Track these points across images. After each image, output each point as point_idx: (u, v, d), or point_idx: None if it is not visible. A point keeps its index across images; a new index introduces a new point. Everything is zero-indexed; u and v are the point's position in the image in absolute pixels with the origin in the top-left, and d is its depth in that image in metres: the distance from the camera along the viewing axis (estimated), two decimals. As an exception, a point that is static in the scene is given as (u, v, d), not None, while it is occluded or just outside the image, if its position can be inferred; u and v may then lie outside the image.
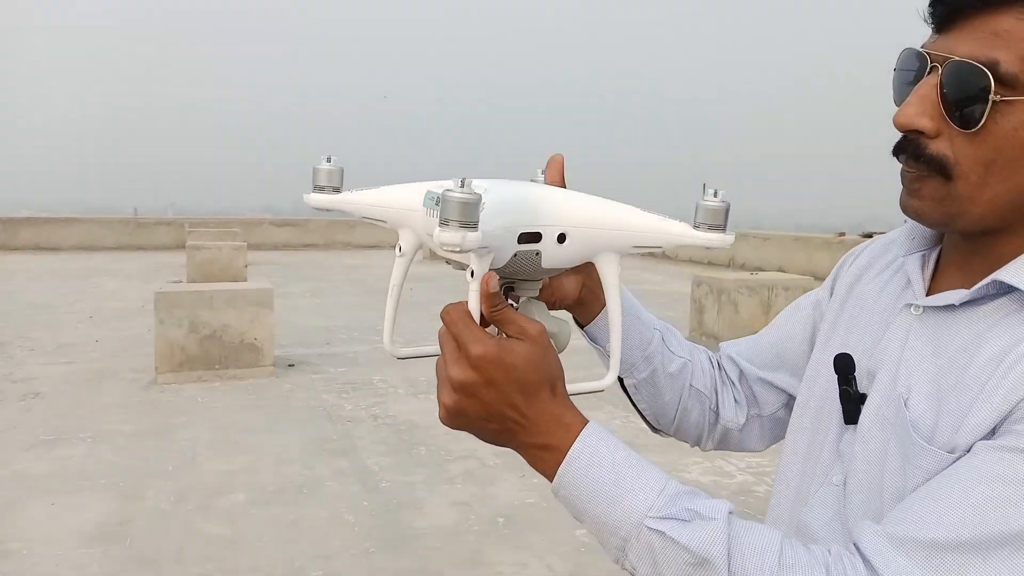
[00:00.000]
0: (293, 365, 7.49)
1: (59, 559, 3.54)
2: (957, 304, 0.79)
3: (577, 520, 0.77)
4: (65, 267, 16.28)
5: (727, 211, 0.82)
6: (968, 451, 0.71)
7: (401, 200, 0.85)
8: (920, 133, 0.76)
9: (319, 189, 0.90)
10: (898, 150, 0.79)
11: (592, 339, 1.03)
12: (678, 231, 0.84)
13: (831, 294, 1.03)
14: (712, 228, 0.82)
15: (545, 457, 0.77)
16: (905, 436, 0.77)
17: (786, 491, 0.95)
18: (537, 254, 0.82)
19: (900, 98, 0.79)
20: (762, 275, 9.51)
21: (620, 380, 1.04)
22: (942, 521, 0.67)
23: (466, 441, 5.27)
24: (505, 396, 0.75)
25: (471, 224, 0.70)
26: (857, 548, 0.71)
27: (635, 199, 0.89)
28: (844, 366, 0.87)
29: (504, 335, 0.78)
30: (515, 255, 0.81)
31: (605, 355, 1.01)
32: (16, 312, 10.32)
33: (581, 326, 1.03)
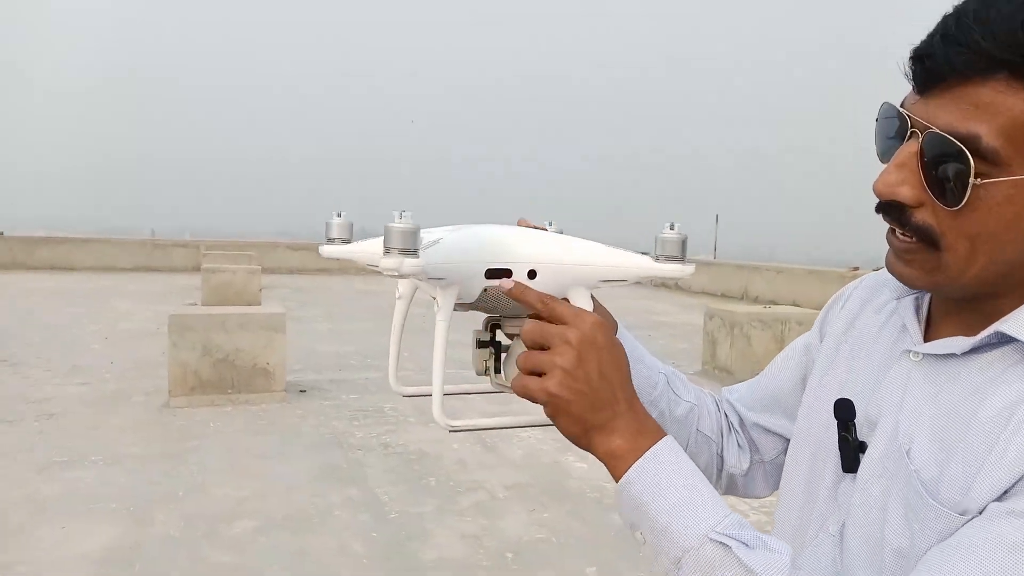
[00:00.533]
0: (305, 391, 7.50)
1: (67, 584, 3.53)
2: (959, 354, 0.78)
3: (631, 526, 0.77)
4: (81, 287, 16.41)
5: (684, 243, 0.90)
6: (980, 512, 0.70)
7: (447, 255, 0.88)
8: (903, 203, 0.74)
9: (331, 241, 0.98)
10: (881, 211, 0.78)
11: None
12: (640, 264, 0.91)
13: (820, 338, 1.02)
14: (671, 259, 0.90)
15: (623, 450, 0.78)
16: (910, 491, 0.75)
17: (783, 539, 0.92)
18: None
19: (882, 152, 0.78)
20: (775, 308, 9.47)
21: None
22: None
23: (476, 472, 5.25)
24: (610, 371, 0.80)
25: (410, 251, 0.77)
26: None
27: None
28: (844, 412, 0.85)
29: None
30: (486, 290, 0.86)
31: None
32: (32, 331, 10.39)
33: None
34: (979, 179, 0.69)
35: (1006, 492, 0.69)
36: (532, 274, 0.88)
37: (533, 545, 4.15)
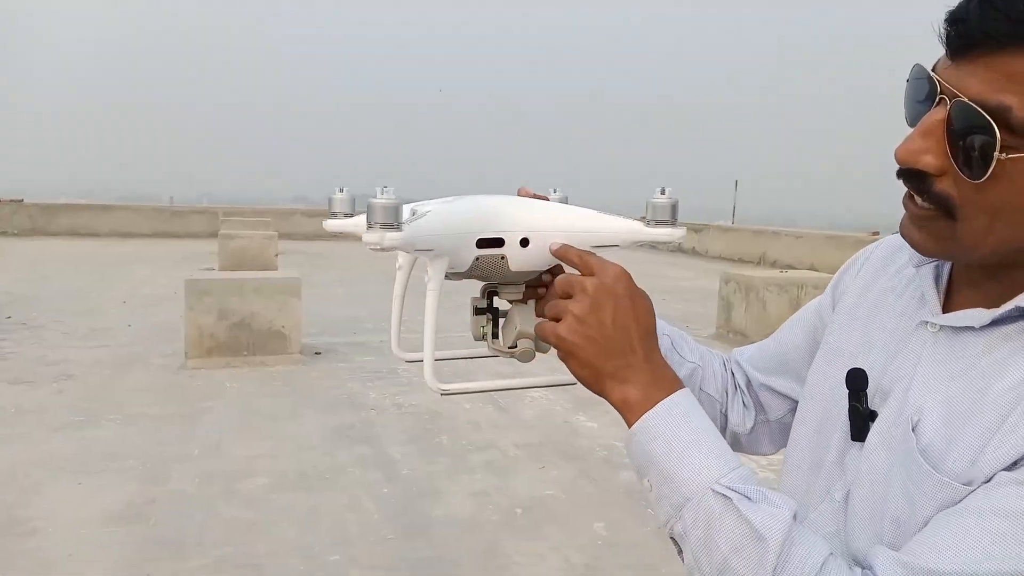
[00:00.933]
0: (320, 353, 7.55)
1: (82, 538, 3.60)
2: (978, 327, 0.76)
3: (640, 474, 0.79)
4: (101, 253, 16.55)
5: (675, 207, 0.91)
6: (988, 481, 0.69)
7: (442, 225, 0.91)
8: (925, 171, 0.72)
9: (334, 215, 1.01)
10: (902, 176, 0.76)
11: None
12: (631, 228, 0.93)
13: (833, 301, 1.01)
14: (662, 223, 0.91)
15: (635, 399, 0.80)
16: (911, 461, 0.75)
17: (789, 493, 0.93)
18: (503, 258, 0.90)
19: (911, 116, 0.75)
20: (791, 273, 9.41)
21: None
22: (961, 555, 0.66)
23: (488, 432, 5.29)
24: (628, 320, 0.82)
25: (391, 225, 0.80)
26: (873, 574, 0.70)
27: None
28: (856, 382, 0.84)
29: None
30: (477, 259, 0.90)
31: None
32: (51, 296, 10.51)
33: None
34: (1005, 153, 0.66)
35: (1015, 463, 0.68)
36: (524, 242, 0.90)
37: (542, 502, 4.18)
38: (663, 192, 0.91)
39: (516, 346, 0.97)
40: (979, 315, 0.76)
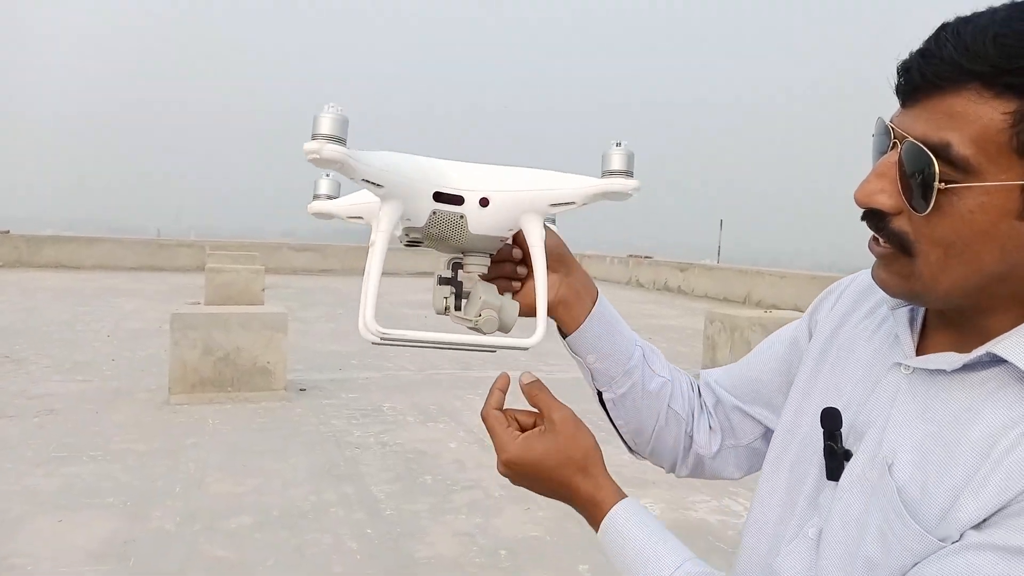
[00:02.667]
0: (305, 390, 7.53)
1: (63, 575, 3.57)
2: (949, 371, 0.78)
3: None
4: (86, 286, 16.48)
5: (630, 158, 0.91)
6: (958, 539, 0.71)
7: (397, 170, 0.90)
8: (882, 211, 0.76)
9: (317, 198, 1.03)
10: (864, 217, 0.79)
11: (574, 351, 1.05)
12: (587, 182, 0.93)
13: (810, 335, 1.02)
14: (616, 174, 0.91)
15: (589, 519, 0.96)
16: (890, 508, 0.76)
17: (762, 538, 0.94)
18: (462, 217, 0.89)
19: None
20: (776, 312, 9.48)
21: (599, 395, 1.07)
22: None
23: (472, 471, 5.27)
24: (541, 482, 0.95)
25: (333, 139, 0.78)
26: None
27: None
28: (830, 422, 0.86)
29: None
30: (435, 213, 0.89)
31: (586, 368, 1.05)
32: (36, 329, 10.45)
33: (564, 335, 1.05)
34: (944, 183, 0.70)
35: (984, 521, 0.69)
36: (484, 202, 0.90)
37: (527, 543, 4.17)
38: (619, 145, 0.91)
39: (480, 315, 0.95)
40: (951, 359, 0.77)
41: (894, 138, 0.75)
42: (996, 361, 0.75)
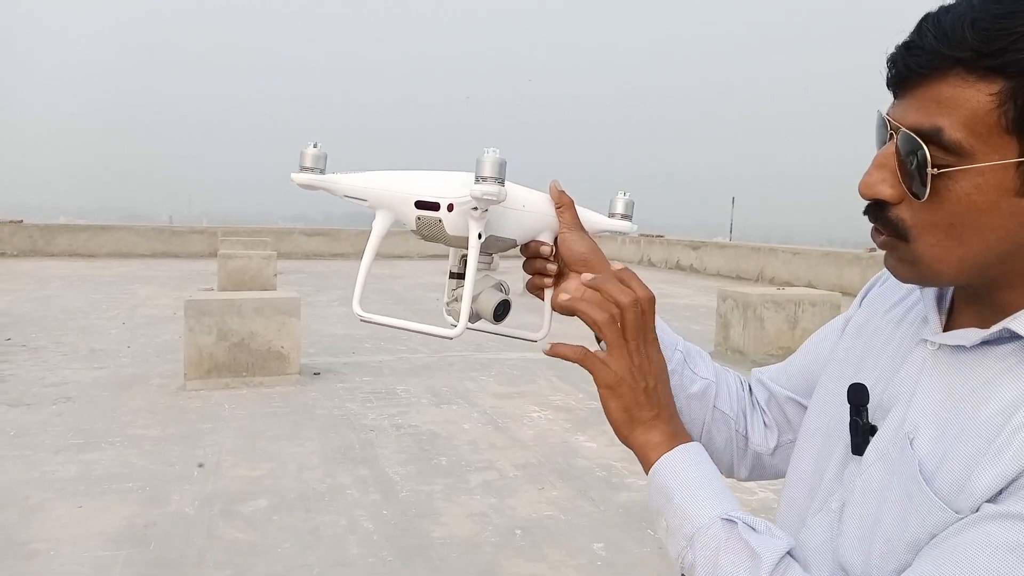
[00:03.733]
0: (319, 373, 7.57)
1: (83, 560, 3.61)
2: (968, 346, 0.79)
3: (657, 513, 0.87)
4: (100, 273, 16.58)
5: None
6: (976, 511, 0.71)
7: (381, 183, 1.01)
8: (884, 200, 0.77)
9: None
10: (867, 211, 0.81)
11: None
12: (541, 198, 1.05)
13: (860, 308, 1.03)
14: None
15: (657, 442, 0.89)
16: (911, 481, 0.77)
17: (792, 511, 0.95)
18: (440, 221, 0.98)
19: None
20: (789, 290, 9.44)
21: None
22: None
23: (486, 452, 5.30)
24: (661, 374, 0.92)
25: (311, 169, 1.01)
26: None
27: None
28: (857, 397, 0.87)
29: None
30: (419, 218, 0.98)
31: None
32: (51, 317, 10.53)
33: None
34: (936, 168, 0.72)
35: (1000, 492, 0.70)
36: (451, 207, 0.97)
37: (541, 522, 4.20)
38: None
39: (448, 306, 1.07)
40: (971, 335, 0.79)
41: (890, 129, 0.77)
42: (1015, 337, 0.76)
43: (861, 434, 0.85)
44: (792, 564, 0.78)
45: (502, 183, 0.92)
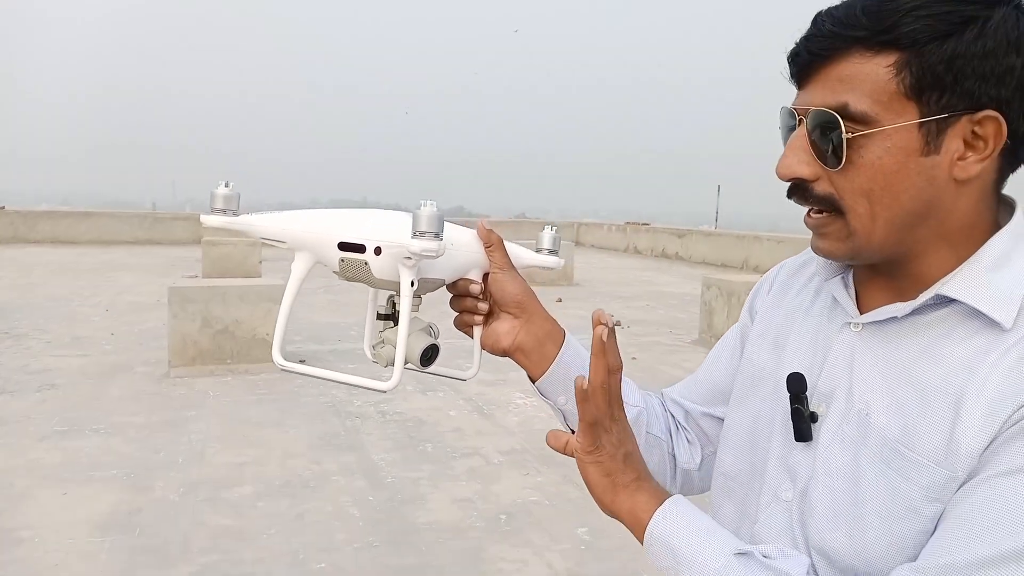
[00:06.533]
0: (304, 361, 7.55)
1: (69, 547, 3.62)
2: (900, 317, 0.83)
3: (667, 572, 0.84)
4: (82, 261, 16.46)
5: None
6: (969, 476, 0.74)
7: (300, 224, 0.98)
8: (803, 179, 0.83)
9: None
10: (790, 194, 0.86)
11: (543, 394, 1.07)
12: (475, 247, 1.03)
13: (752, 320, 1.06)
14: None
15: (646, 502, 0.87)
16: (885, 450, 0.79)
17: (737, 513, 0.97)
18: (366, 264, 0.95)
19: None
20: (773, 278, 9.48)
21: (572, 433, 1.08)
22: (969, 546, 0.70)
23: (472, 439, 5.32)
24: (618, 457, 0.89)
25: (228, 212, 0.96)
26: None
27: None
28: (797, 385, 0.89)
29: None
30: (343, 260, 0.96)
31: (558, 410, 1.07)
32: (34, 305, 10.46)
33: (532, 380, 1.07)
34: (850, 133, 0.78)
35: (987, 449, 0.73)
36: (378, 251, 0.94)
37: (526, 507, 4.23)
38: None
39: (373, 349, 1.06)
40: (900, 307, 0.83)
41: (798, 115, 0.82)
42: (943, 302, 0.81)
43: (804, 421, 0.88)
44: None
45: (440, 237, 0.90)
